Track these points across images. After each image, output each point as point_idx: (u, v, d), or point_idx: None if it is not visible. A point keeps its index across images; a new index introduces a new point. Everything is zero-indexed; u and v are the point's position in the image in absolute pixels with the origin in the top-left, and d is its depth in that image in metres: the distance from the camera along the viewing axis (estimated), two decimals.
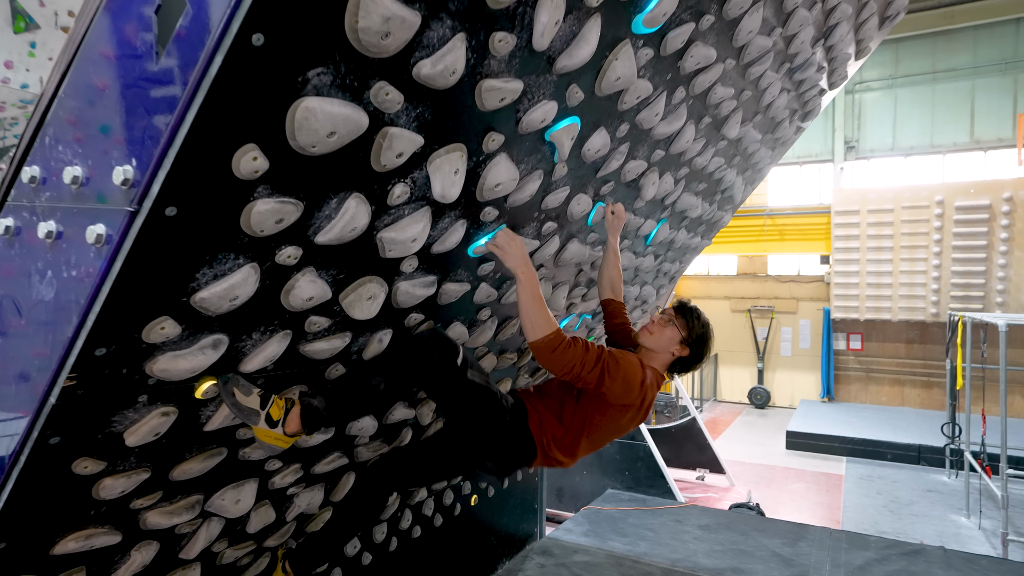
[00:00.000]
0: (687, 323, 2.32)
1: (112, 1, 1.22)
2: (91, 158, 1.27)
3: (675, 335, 2.32)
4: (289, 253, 1.50)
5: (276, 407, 1.73)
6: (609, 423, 2.26)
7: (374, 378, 2.03)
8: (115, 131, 1.23)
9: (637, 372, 2.14)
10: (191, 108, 1.12)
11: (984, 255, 10.14)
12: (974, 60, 11.09)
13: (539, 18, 1.51)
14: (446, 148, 1.63)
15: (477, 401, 2.15)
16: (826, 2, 2.72)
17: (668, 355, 2.34)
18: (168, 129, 1.14)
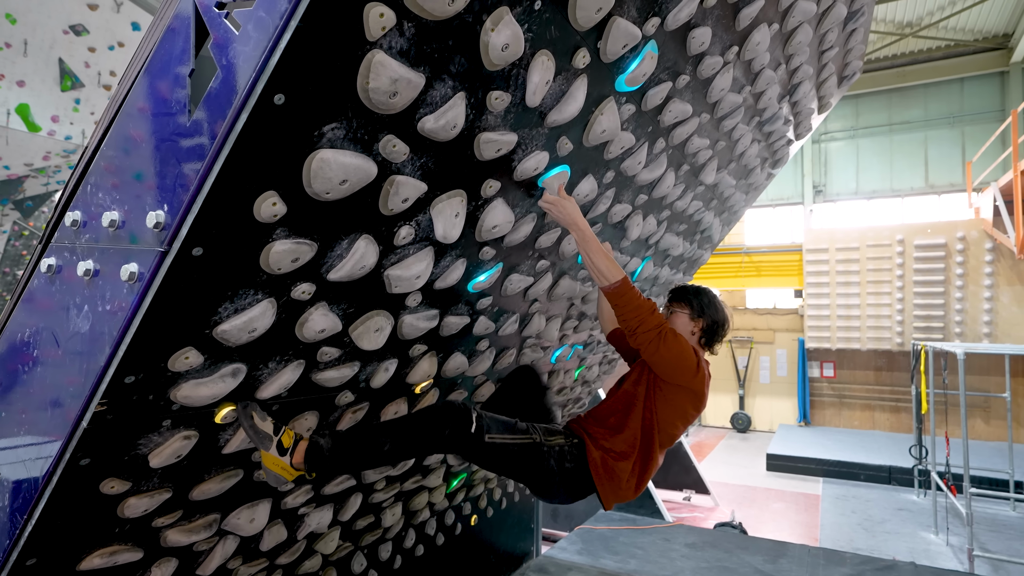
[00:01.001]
0: (682, 302, 2.26)
1: (152, 64, 1.27)
2: (127, 204, 1.29)
3: (682, 313, 2.25)
4: (304, 289, 1.51)
5: (287, 436, 1.71)
6: (674, 410, 2.13)
7: (383, 440, 1.94)
8: (149, 179, 1.26)
9: (691, 351, 2.07)
10: (218, 159, 1.15)
11: (942, 289, 10.18)
12: (925, 114, 11.33)
13: (531, 78, 1.56)
14: (448, 194, 1.66)
15: (505, 459, 2.03)
16: (789, 63, 2.80)
17: (693, 337, 2.24)
18: (197, 178, 1.17)
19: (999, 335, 9.91)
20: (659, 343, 1.98)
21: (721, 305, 2.27)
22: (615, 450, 2.12)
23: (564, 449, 2.09)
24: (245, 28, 1.12)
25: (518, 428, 2.08)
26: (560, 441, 2.11)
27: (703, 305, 2.24)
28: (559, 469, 2.05)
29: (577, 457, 2.09)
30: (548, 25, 1.50)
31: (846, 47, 3.30)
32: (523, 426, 2.10)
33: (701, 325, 2.24)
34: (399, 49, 1.24)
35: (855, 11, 2.97)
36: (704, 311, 2.24)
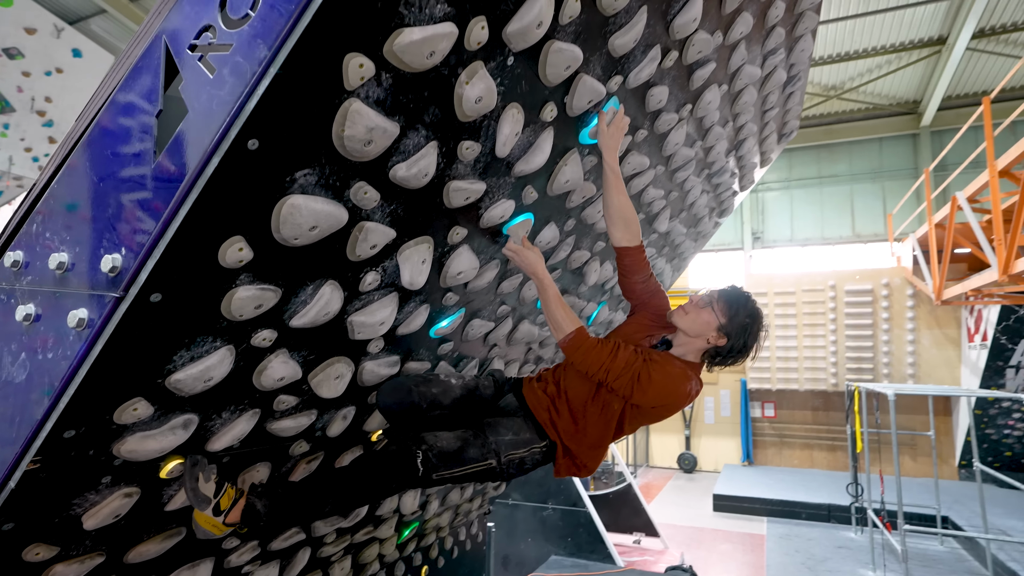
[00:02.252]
0: (728, 309, 1.85)
1: (116, 102, 1.23)
2: (79, 245, 1.22)
3: (711, 320, 1.86)
4: (264, 336, 1.46)
5: (227, 497, 1.60)
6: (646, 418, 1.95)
7: (324, 500, 1.79)
8: (107, 221, 1.20)
9: (679, 385, 1.81)
10: (185, 203, 1.11)
11: (871, 332, 10.78)
12: (851, 169, 12.21)
13: (502, 130, 1.59)
14: (415, 240, 1.66)
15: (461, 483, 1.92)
16: (736, 120, 2.98)
17: (703, 342, 1.88)
18: (161, 221, 1.12)
19: (921, 376, 10.53)
20: (634, 388, 1.78)
21: (757, 342, 1.91)
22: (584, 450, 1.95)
23: (526, 459, 1.90)
24: (220, 72, 1.11)
25: (469, 455, 1.83)
26: (523, 454, 1.90)
27: (741, 329, 1.86)
28: (518, 472, 1.91)
29: (541, 460, 1.93)
30: (519, 80, 1.54)
31: (785, 107, 3.54)
32: (475, 451, 1.84)
33: (721, 342, 1.86)
34: (376, 98, 1.25)
35: (793, 76, 3.21)
36: (735, 335, 1.86)
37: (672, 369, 1.83)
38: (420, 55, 1.22)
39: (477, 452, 1.83)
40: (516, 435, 1.89)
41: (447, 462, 1.80)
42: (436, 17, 1.22)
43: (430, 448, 1.79)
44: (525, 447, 1.89)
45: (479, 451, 1.83)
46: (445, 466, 1.80)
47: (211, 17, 1.14)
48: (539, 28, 1.42)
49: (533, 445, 1.90)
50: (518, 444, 1.88)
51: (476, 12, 1.30)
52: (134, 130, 1.19)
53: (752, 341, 1.89)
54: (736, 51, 2.42)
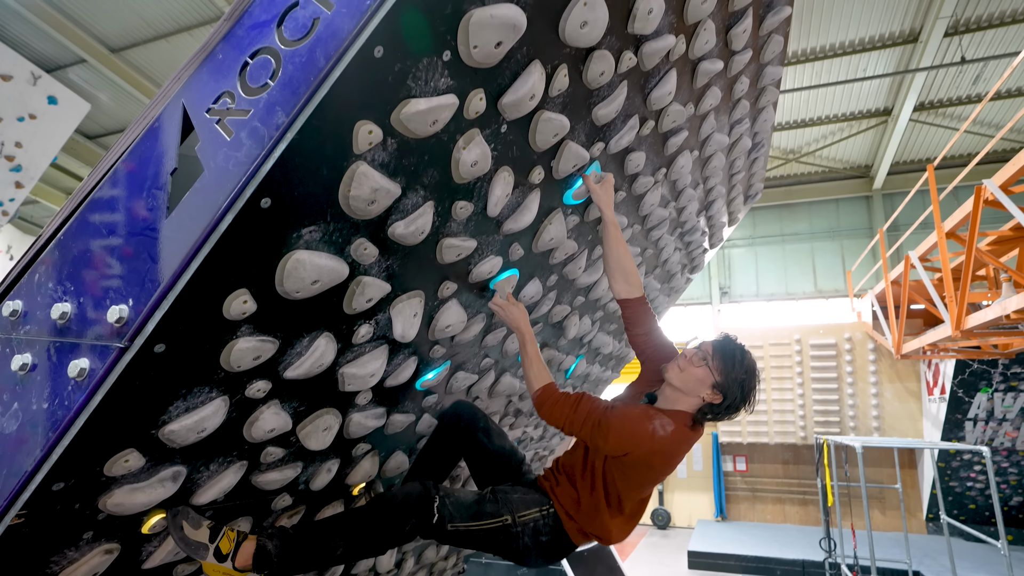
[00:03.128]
0: (723, 366, 1.80)
1: (131, 159, 1.28)
2: (85, 296, 1.25)
3: (706, 377, 1.81)
4: (259, 387, 1.48)
5: (226, 540, 1.59)
6: (631, 480, 1.87)
7: (336, 541, 1.78)
8: (114, 273, 1.23)
9: (637, 425, 1.77)
10: (197, 257, 1.16)
11: (836, 386, 11.05)
12: (810, 227, 12.80)
13: (494, 191, 1.69)
14: (408, 294, 1.71)
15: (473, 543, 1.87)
16: (706, 183, 3.16)
17: (696, 399, 1.83)
18: (172, 274, 1.16)
19: (886, 428, 10.76)
20: (596, 435, 1.78)
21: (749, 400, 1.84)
22: (584, 515, 1.91)
23: (539, 524, 1.89)
24: (238, 135, 1.18)
25: (485, 510, 1.87)
26: (534, 515, 1.89)
27: (737, 386, 1.80)
28: (534, 545, 1.87)
29: (553, 528, 1.90)
30: (512, 146, 1.65)
31: (750, 171, 3.77)
32: (491, 506, 1.88)
33: (716, 399, 1.81)
34: (381, 161, 1.33)
35: (757, 143, 3.44)
36: (731, 393, 1.80)
37: (630, 411, 1.82)
38: (424, 123, 1.32)
39: (492, 508, 1.88)
40: (525, 495, 1.95)
41: (463, 514, 1.84)
42: (440, 89, 1.33)
43: (447, 495, 1.83)
44: (536, 507, 1.91)
45: (494, 507, 1.88)
46: (460, 518, 1.83)
47: (230, 84, 1.22)
48: (532, 100, 1.55)
49: (543, 506, 1.91)
50: (529, 504, 1.91)
51: (475, 85, 1.41)
52: (148, 186, 1.24)
53: (749, 396, 1.83)
54: (706, 120, 2.61)
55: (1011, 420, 8.82)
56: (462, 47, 1.30)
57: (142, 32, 9.05)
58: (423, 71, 1.27)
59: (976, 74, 9.17)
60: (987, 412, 8.90)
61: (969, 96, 9.78)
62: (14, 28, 8.91)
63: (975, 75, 9.20)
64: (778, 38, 2.68)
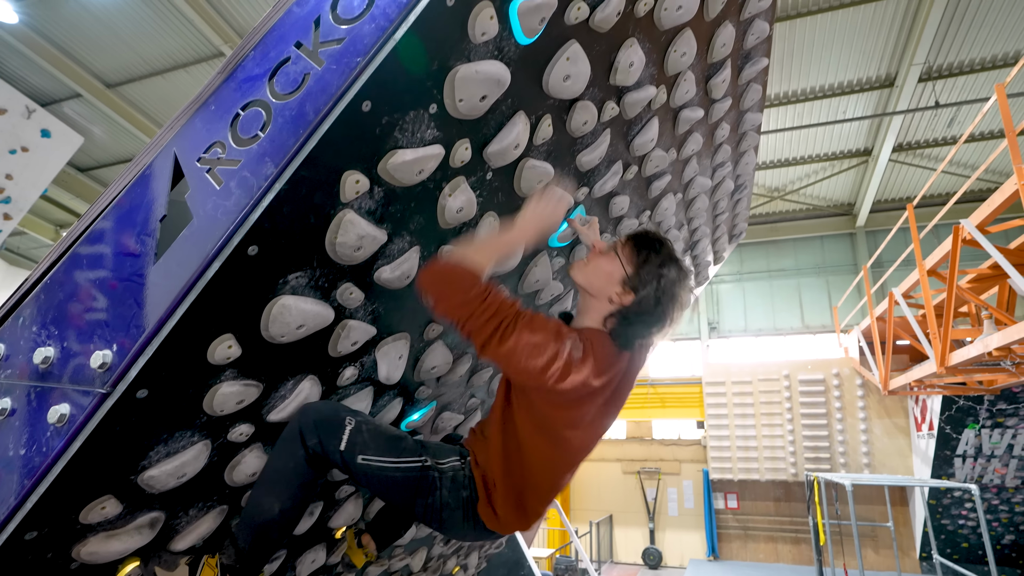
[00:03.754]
0: (636, 255, 1.49)
1: (121, 205, 1.30)
2: (68, 340, 1.25)
3: (614, 270, 1.50)
4: (242, 431, 1.47)
5: (208, 568, 1.53)
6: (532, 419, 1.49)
7: (264, 500, 1.49)
8: (99, 318, 1.24)
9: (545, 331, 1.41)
10: (183, 303, 1.17)
11: (825, 422, 11.04)
12: (796, 264, 13.00)
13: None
14: (393, 336, 1.73)
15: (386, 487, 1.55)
16: (690, 224, 3.23)
17: (605, 303, 1.50)
18: (157, 320, 1.17)
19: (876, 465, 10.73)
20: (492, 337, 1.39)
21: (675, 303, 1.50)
22: (488, 465, 1.59)
23: (458, 475, 1.57)
24: (228, 184, 1.20)
25: (405, 447, 1.56)
26: (454, 463, 1.58)
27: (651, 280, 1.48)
28: (452, 500, 1.55)
29: (471, 485, 1.58)
30: (497, 192, 1.70)
31: (734, 212, 3.86)
32: (411, 444, 1.59)
33: (626, 299, 1.49)
34: (368, 209, 1.37)
35: (740, 185, 3.53)
36: (644, 289, 1.47)
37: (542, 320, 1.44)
38: (410, 173, 1.36)
39: (412, 446, 1.58)
40: (445, 445, 1.69)
41: (379, 446, 1.52)
42: (426, 140, 1.37)
43: (364, 423, 1.54)
44: (456, 456, 1.61)
45: (415, 446, 1.59)
46: (375, 450, 1.51)
47: (222, 135, 1.26)
48: (516, 149, 1.59)
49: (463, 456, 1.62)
50: (448, 452, 1.62)
51: (461, 136, 1.45)
52: (137, 232, 1.26)
53: (668, 300, 1.47)
54: (688, 165, 2.68)
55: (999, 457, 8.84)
56: (448, 100, 1.35)
57: (138, 68, 9.19)
58: (410, 123, 1.31)
59: (951, 117, 9.49)
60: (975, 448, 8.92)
61: (945, 138, 10.10)
62: (10, 63, 9.02)
63: (949, 118, 9.52)
64: (756, 87, 2.78)
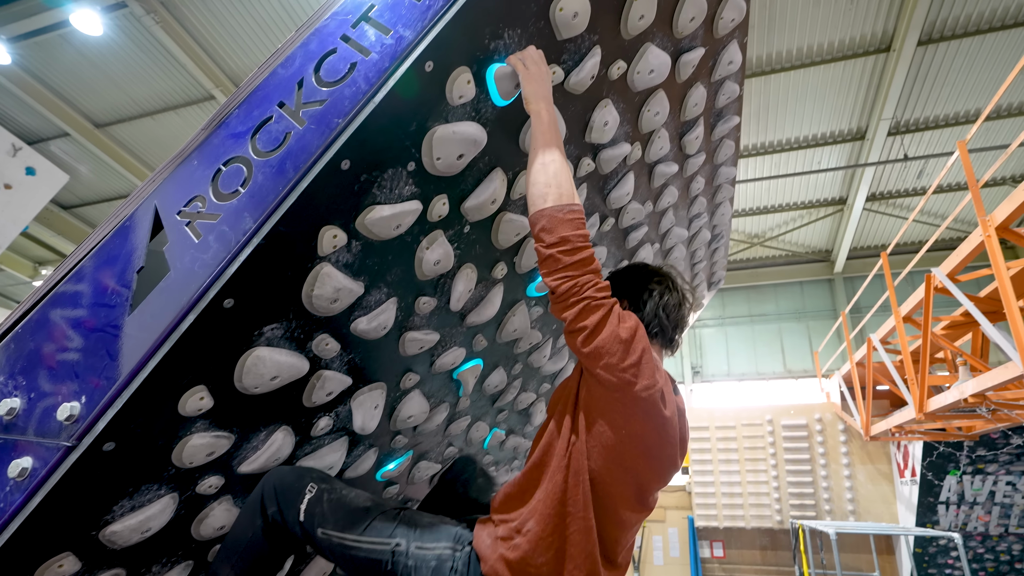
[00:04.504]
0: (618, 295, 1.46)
1: (99, 256, 1.31)
2: (36, 391, 1.24)
3: None
4: (211, 483, 1.45)
5: None
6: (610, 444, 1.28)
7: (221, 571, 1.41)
8: (71, 369, 1.23)
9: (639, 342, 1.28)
10: (156, 356, 1.17)
11: (810, 468, 10.99)
12: (777, 309, 13.17)
13: (456, 287, 1.75)
14: (369, 386, 1.73)
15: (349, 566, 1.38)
16: None
17: None
18: (129, 372, 1.17)
19: (861, 512, 10.65)
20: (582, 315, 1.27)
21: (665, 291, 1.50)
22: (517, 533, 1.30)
23: (444, 565, 1.32)
24: (206, 238, 1.23)
25: (371, 524, 1.37)
26: (443, 549, 1.34)
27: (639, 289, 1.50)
28: None
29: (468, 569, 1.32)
30: (474, 244, 1.73)
31: (712, 260, 3.94)
32: (384, 519, 1.40)
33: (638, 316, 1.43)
34: (345, 262, 1.39)
35: (716, 235, 3.62)
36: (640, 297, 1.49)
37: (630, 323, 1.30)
38: (388, 227, 1.39)
39: (383, 524, 1.39)
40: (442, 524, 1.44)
41: (339, 518, 1.38)
42: (404, 196, 1.41)
43: (329, 491, 1.41)
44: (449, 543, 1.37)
45: (388, 524, 1.39)
46: (335, 523, 1.37)
47: (203, 189, 1.28)
48: (493, 204, 1.64)
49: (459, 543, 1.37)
50: (441, 534, 1.39)
51: (439, 192, 1.50)
52: (113, 283, 1.27)
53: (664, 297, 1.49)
54: (665, 216, 2.76)
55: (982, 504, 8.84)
56: (426, 158, 1.40)
57: (128, 109, 9.29)
58: (388, 180, 1.35)
59: (920, 169, 9.86)
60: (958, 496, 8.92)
61: (915, 188, 10.46)
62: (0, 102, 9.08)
63: (919, 170, 9.89)
64: (729, 142, 2.89)
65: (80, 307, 1.28)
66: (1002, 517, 8.83)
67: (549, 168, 1.34)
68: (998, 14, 7.24)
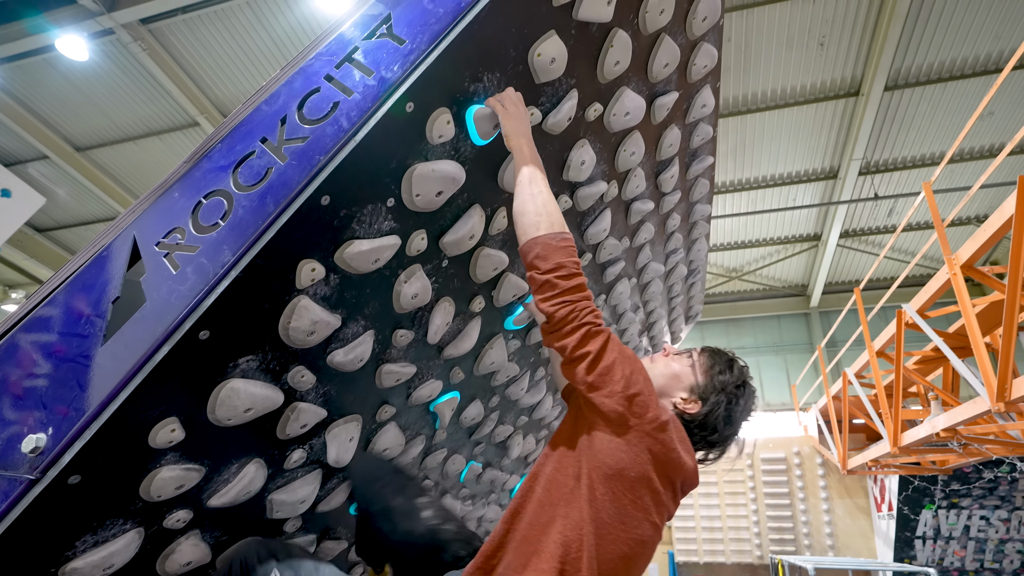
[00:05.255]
0: (710, 365, 1.41)
1: (74, 285, 1.31)
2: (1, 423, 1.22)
3: (685, 375, 1.40)
4: (179, 517, 1.42)
5: None
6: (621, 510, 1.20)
7: None
8: (38, 399, 1.22)
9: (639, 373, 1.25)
10: (128, 387, 1.16)
11: (789, 501, 11.00)
12: (755, 342, 13.34)
13: (434, 320, 1.77)
14: (345, 418, 1.72)
15: None
16: (646, 307, 3.34)
17: (667, 404, 1.38)
18: (98, 403, 1.16)
19: (840, 547, 10.64)
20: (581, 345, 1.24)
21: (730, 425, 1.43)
22: None
23: None
24: (184, 270, 1.23)
25: None
26: None
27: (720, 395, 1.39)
28: None
29: None
30: (452, 278, 1.76)
31: (689, 295, 4.01)
32: None
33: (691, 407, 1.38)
34: (322, 295, 1.40)
35: (693, 270, 3.70)
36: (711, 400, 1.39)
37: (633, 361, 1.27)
38: (366, 262, 1.41)
39: None
40: None
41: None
42: (383, 231, 1.44)
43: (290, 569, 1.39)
44: None
45: None
46: None
47: (182, 221, 1.30)
48: (471, 239, 1.67)
49: None
50: None
51: (418, 227, 1.53)
52: (87, 313, 1.27)
53: (733, 415, 1.41)
54: (642, 252, 2.82)
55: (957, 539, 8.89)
56: (405, 195, 1.43)
57: (110, 133, 9.26)
58: (367, 215, 1.38)
59: (890, 208, 10.19)
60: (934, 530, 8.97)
61: (886, 226, 10.78)
62: None
63: (889, 208, 10.22)
64: (704, 181, 2.98)
65: (52, 336, 1.27)
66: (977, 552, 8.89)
67: (538, 199, 1.36)
68: (957, 64, 7.62)
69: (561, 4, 1.56)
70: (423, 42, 1.35)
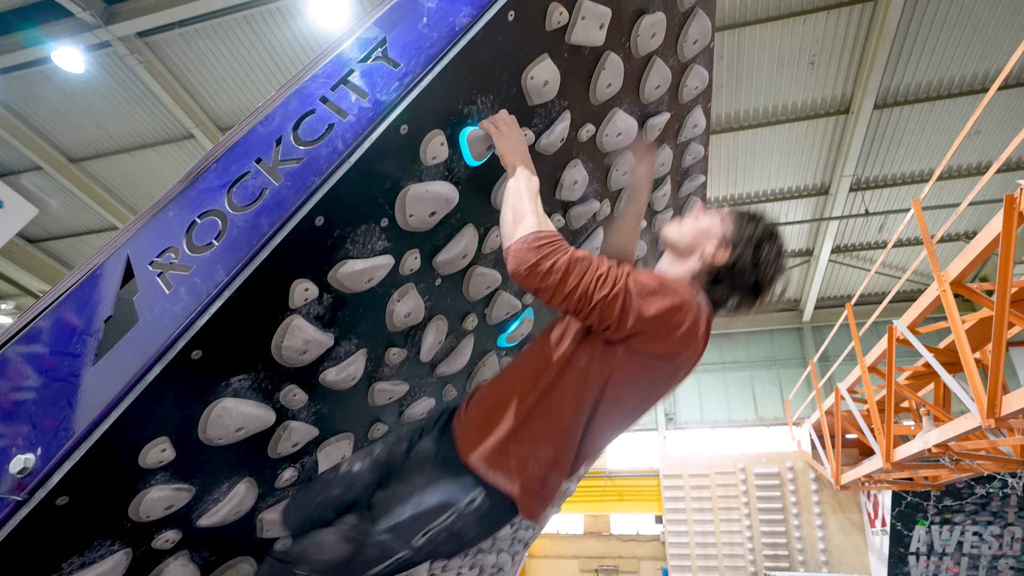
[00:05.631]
0: (738, 221, 1.44)
1: (66, 303, 1.31)
2: None
3: (712, 228, 1.44)
4: (168, 537, 1.41)
5: None
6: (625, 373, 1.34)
7: None
8: (27, 419, 1.21)
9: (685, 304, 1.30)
10: (119, 407, 1.16)
11: (782, 517, 10.97)
12: (748, 356, 13.37)
13: (426, 338, 1.77)
14: (336, 436, 1.72)
15: None
16: None
17: (694, 261, 1.43)
18: (88, 424, 1.15)
19: (834, 563, 10.61)
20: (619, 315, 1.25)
21: (773, 271, 1.43)
22: None
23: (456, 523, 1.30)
24: (177, 289, 1.24)
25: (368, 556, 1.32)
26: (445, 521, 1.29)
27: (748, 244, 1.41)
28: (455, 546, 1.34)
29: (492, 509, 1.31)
30: (445, 297, 1.77)
31: None
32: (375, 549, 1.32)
33: (721, 257, 1.41)
34: (316, 315, 1.41)
35: None
36: (738, 248, 1.41)
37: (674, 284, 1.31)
38: (360, 281, 1.42)
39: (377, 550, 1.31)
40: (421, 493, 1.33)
41: None
42: (376, 251, 1.45)
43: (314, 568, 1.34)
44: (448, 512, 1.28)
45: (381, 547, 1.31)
46: None
47: (176, 240, 1.30)
48: (464, 258, 1.69)
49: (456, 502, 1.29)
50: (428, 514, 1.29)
51: (411, 246, 1.54)
52: (79, 331, 1.27)
53: (766, 264, 1.40)
54: None
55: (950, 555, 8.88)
56: (399, 215, 1.44)
57: (105, 145, 9.26)
58: (361, 235, 1.39)
59: (880, 224, 10.29)
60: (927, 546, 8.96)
61: (877, 242, 10.88)
62: None
63: (879, 224, 10.32)
64: (696, 199, 3.01)
65: (43, 355, 1.27)
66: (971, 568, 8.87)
67: (517, 207, 1.35)
68: (945, 83, 7.75)
69: (554, 28, 1.58)
70: (418, 65, 1.37)
